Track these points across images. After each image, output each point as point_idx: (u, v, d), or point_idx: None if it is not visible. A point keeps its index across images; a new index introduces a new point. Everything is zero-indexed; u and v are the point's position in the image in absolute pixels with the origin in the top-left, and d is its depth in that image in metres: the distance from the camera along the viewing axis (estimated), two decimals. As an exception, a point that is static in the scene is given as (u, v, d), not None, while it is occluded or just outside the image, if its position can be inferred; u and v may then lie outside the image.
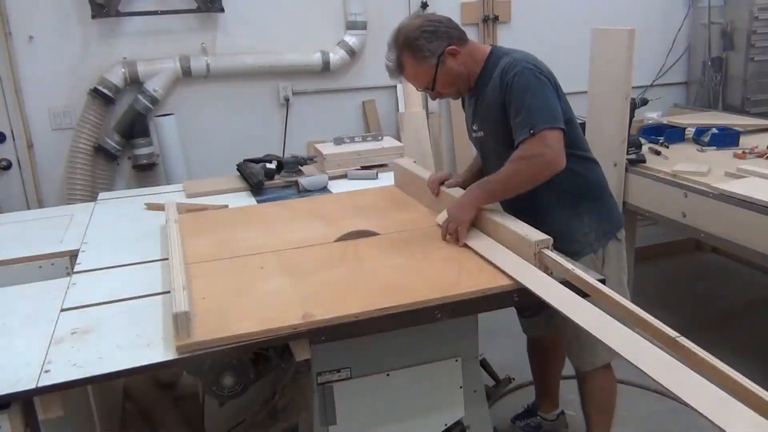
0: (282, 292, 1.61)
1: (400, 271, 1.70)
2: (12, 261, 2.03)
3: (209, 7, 3.47)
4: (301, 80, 3.76)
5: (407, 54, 1.87)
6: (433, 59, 1.85)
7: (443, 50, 1.85)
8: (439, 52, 1.85)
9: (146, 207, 2.48)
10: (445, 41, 1.86)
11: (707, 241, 3.07)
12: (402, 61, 1.89)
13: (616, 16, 4.04)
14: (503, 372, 2.72)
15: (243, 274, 1.75)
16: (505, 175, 1.80)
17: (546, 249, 1.61)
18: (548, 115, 1.74)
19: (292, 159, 2.76)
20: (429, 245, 1.86)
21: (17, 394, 1.29)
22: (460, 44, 1.88)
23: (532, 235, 1.64)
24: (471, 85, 1.94)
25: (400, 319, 1.50)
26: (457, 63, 1.88)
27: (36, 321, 1.57)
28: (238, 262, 1.84)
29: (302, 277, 1.69)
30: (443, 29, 1.87)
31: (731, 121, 3.40)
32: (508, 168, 1.79)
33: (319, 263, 1.80)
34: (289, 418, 1.91)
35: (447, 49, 1.86)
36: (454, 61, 1.88)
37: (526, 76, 1.77)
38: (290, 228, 2.08)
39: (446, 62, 1.87)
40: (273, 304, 1.54)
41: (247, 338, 1.40)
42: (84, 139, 3.37)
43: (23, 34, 3.30)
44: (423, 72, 1.89)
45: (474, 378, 1.82)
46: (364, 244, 1.91)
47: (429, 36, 1.85)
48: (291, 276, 1.71)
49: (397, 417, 1.74)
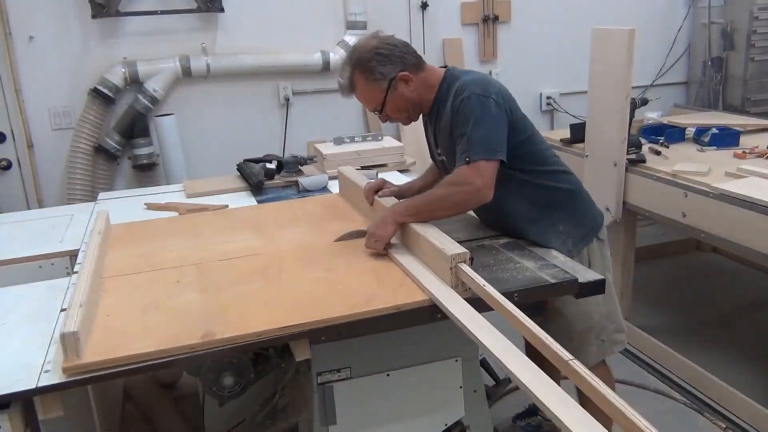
0: (189, 309, 1.55)
1: (318, 285, 1.65)
2: (12, 261, 2.03)
3: (209, 7, 3.47)
4: (302, 80, 3.76)
5: (359, 73, 1.85)
6: (384, 82, 1.84)
7: (395, 75, 1.83)
8: (390, 76, 1.83)
9: (146, 207, 2.48)
10: (398, 66, 1.84)
11: (707, 241, 3.07)
12: (354, 80, 1.87)
13: (616, 16, 4.04)
14: (503, 372, 2.72)
15: (157, 288, 1.69)
16: (432, 197, 1.79)
17: (463, 263, 1.55)
18: (486, 146, 1.72)
19: (292, 159, 2.76)
20: (355, 258, 1.81)
21: (17, 394, 1.29)
22: (414, 70, 1.86)
23: (449, 249, 1.58)
24: (425, 111, 1.94)
25: (401, 319, 1.50)
26: (408, 89, 1.86)
27: (36, 321, 1.57)
28: (156, 275, 1.78)
29: (216, 292, 1.64)
30: (398, 53, 1.85)
31: (731, 121, 3.40)
32: (436, 191, 1.79)
33: (239, 276, 1.73)
34: (289, 418, 1.90)
35: (399, 74, 1.83)
36: (406, 87, 1.86)
37: (472, 102, 1.74)
38: (222, 238, 2.03)
39: (398, 87, 1.85)
40: (177, 322, 1.48)
41: (139, 360, 1.35)
42: (84, 139, 3.38)
43: (23, 34, 3.30)
44: (373, 94, 1.87)
45: (474, 378, 1.82)
46: (290, 256, 1.86)
47: (382, 59, 1.83)
48: (205, 291, 1.65)
49: (397, 417, 1.74)
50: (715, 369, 2.68)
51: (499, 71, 4.06)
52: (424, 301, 1.53)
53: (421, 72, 1.88)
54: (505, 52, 4.07)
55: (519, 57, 4.08)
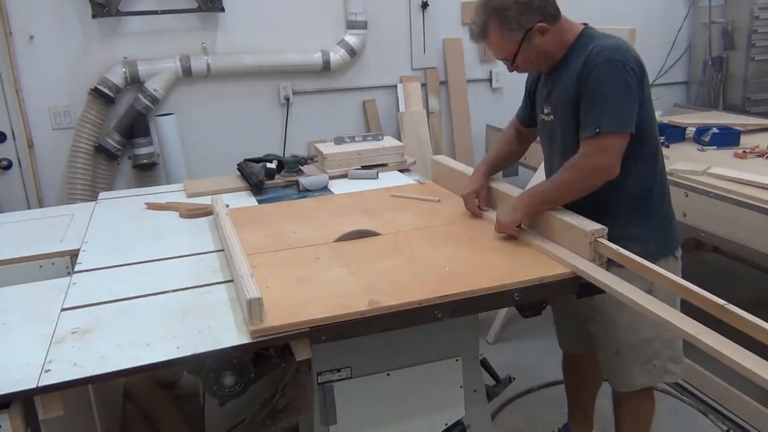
0: (343, 281, 1.64)
1: (454, 261, 1.72)
2: (12, 261, 2.03)
3: (210, 6, 3.47)
4: (302, 80, 3.76)
5: (494, 21, 1.76)
6: (520, 33, 1.75)
7: (533, 26, 1.74)
8: (527, 27, 1.74)
9: (146, 207, 2.48)
10: (537, 16, 1.74)
11: (708, 241, 3.07)
12: (487, 27, 1.78)
13: (617, 16, 4.04)
14: (503, 372, 2.72)
15: (300, 264, 1.77)
16: (558, 183, 1.77)
17: (601, 238, 1.63)
18: (618, 118, 1.67)
19: (293, 158, 2.76)
20: (477, 237, 1.88)
21: (18, 394, 1.28)
22: (551, 21, 1.76)
23: (586, 225, 1.66)
24: (552, 64, 1.85)
25: (402, 319, 1.50)
26: (544, 41, 1.77)
27: (36, 321, 1.57)
28: (293, 253, 1.87)
29: (359, 267, 1.72)
30: (537, 3, 1.74)
31: (732, 121, 3.39)
32: (562, 176, 1.76)
33: (374, 254, 1.82)
34: (289, 418, 1.90)
35: (537, 25, 1.74)
36: (542, 39, 1.76)
37: (608, 69, 1.67)
38: (337, 221, 2.10)
39: (533, 38, 1.76)
40: (337, 292, 1.57)
41: (318, 323, 1.44)
42: (84, 138, 3.38)
43: (24, 33, 3.30)
44: (507, 44, 1.79)
45: (474, 378, 1.82)
46: (414, 236, 1.93)
47: (522, 8, 1.73)
48: (348, 266, 1.73)
49: (398, 416, 1.74)
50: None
51: (499, 71, 4.06)
52: (565, 274, 1.61)
53: (557, 23, 1.79)
54: (506, 51, 4.06)
55: (519, 57, 4.07)
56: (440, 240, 1.90)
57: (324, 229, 2.04)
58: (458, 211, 2.12)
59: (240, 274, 1.55)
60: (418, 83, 3.90)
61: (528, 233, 1.85)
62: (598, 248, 1.63)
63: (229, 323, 1.49)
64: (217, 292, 1.67)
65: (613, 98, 1.68)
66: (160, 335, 1.45)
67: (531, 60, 1.83)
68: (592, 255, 1.63)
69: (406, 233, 1.96)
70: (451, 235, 1.94)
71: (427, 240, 1.90)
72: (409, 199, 2.31)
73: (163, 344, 1.41)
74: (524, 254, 1.75)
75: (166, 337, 1.44)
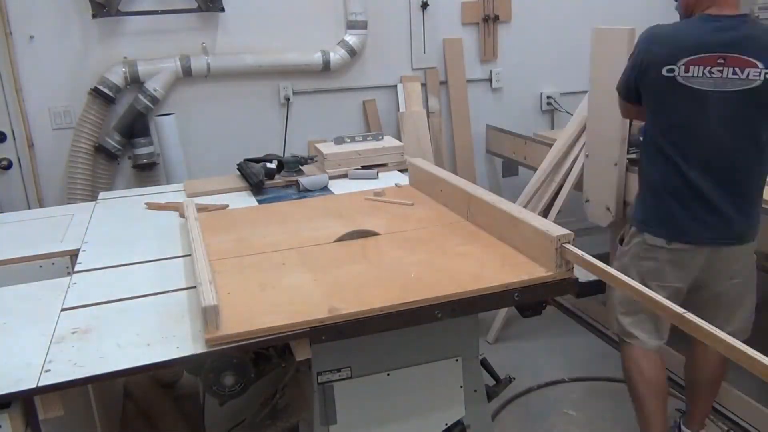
0: (306, 287, 1.63)
1: (421, 267, 1.70)
2: (12, 261, 2.03)
3: (210, 6, 3.47)
4: (302, 80, 3.76)
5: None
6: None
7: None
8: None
9: (146, 207, 2.48)
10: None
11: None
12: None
13: (616, 16, 4.03)
14: (503, 372, 2.72)
15: (265, 269, 1.76)
16: None
17: (567, 243, 1.60)
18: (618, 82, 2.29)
19: (293, 158, 2.76)
20: (446, 243, 1.86)
21: (18, 394, 1.28)
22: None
23: (551, 230, 1.63)
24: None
25: (401, 319, 1.50)
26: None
27: (36, 320, 1.57)
28: (260, 258, 1.85)
29: (324, 273, 1.71)
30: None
31: (732, 121, 3.39)
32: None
33: (340, 259, 1.80)
34: (289, 418, 1.91)
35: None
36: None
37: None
38: (309, 226, 2.10)
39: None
40: (298, 299, 1.56)
41: (274, 332, 1.42)
42: (84, 138, 3.38)
43: (24, 33, 3.30)
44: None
45: (474, 377, 1.82)
46: (384, 241, 1.92)
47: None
48: (313, 271, 1.72)
49: (398, 416, 1.74)
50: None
51: (499, 71, 4.06)
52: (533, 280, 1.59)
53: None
54: (506, 51, 4.07)
55: (519, 57, 4.08)
56: (410, 245, 1.87)
57: (292, 234, 2.02)
58: (430, 214, 2.11)
59: (199, 281, 1.54)
60: (418, 83, 3.90)
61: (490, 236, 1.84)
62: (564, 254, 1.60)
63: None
64: (217, 292, 1.67)
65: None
66: (160, 335, 1.45)
67: None
68: (559, 260, 1.60)
69: (376, 238, 1.94)
70: (422, 240, 1.90)
71: (397, 244, 1.88)
72: (383, 203, 2.29)
73: (163, 344, 1.41)
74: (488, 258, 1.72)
75: (166, 337, 1.44)
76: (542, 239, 1.63)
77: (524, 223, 1.73)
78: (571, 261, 1.59)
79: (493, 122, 4.03)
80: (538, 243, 1.65)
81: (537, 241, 1.66)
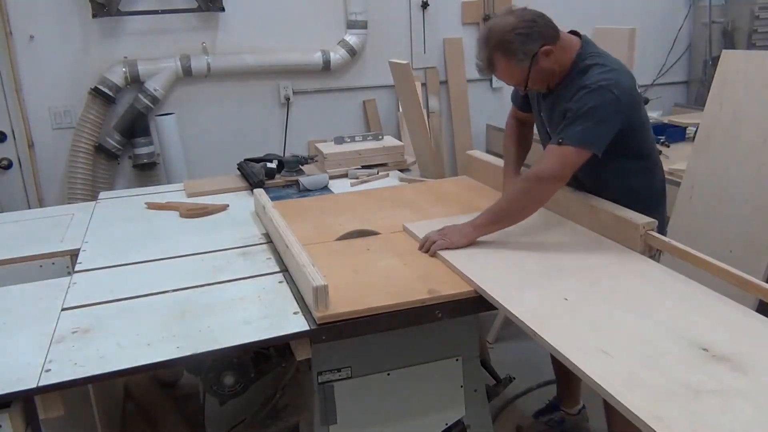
0: (398, 271, 1.67)
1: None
2: (12, 260, 2.03)
3: (210, 6, 3.47)
4: (302, 79, 3.76)
5: (499, 55, 1.81)
6: (526, 61, 1.80)
7: (537, 51, 1.79)
8: (533, 53, 1.79)
9: (146, 206, 2.48)
10: (539, 41, 1.79)
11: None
12: (494, 61, 1.83)
13: (617, 16, 4.04)
14: (503, 372, 2.72)
15: (354, 254, 1.81)
16: (508, 198, 1.85)
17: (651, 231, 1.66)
18: (584, 137, 1.73)
19: (293, 158, 2.76)
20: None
21: (18, 394, 1.28)
22: (553, 41, 1.81)
23: (636, 219, 1.69)
24: (562, 77, 1.89)
25: (403, 318, 1.51)
26: (550, 61, 1.82)
27: (37, 320, 1.57)
28: (344, 244, 1.90)
29: (411, 258, 1.75)
30: (537, 30, 1.79)
31: (732, 121, 3.39)
32: (514, 189, 1.84)
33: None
34: (289, 418, 1.90)
35: (541, 49, 1.79)
36: (547, 60, 1.82)
37: (595, 96, 1.73)
38: (380, 214, 2.13)
39: (540, 62, 1.81)
40: (394, 281, 1.60)
41: (378, 311, 1.48)
42: (84, 138, 3.38)
43: (24, 33, 3.30)
44: (517, 73, 1.84)
45: (475, 377, 1.82)
46: None
47: (523, 38, 1.77)
48: (400, 257, 1.76)
49: (398, 416, 1.74)
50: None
51: (499, 71, 4.06)
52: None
53: (558, 41, 1.84)
54: (506, 51, 4.06)
55: (519, 56, 4.07)
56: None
57: (366, 222, 2.08)
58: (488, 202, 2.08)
59: (302, 263, 1.57)
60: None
61: None
62: (649, 240, 1.67)
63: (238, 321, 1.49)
64: (219, 291, 1.68)
65: (587, 121, 1.73)
66: (160, 335, 1.45)
67: (540, 80, 1.87)
68: (644, 247, 1.67)
69: None
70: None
71: None
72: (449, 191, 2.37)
73: (163, 344, 1.41)
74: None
75: (166, 337, 1.44)
76: (626, 226, 1.70)
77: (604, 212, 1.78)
78: (657, 248, 1.66)
79: (493, 122, 4.03)
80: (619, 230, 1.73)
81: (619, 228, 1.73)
